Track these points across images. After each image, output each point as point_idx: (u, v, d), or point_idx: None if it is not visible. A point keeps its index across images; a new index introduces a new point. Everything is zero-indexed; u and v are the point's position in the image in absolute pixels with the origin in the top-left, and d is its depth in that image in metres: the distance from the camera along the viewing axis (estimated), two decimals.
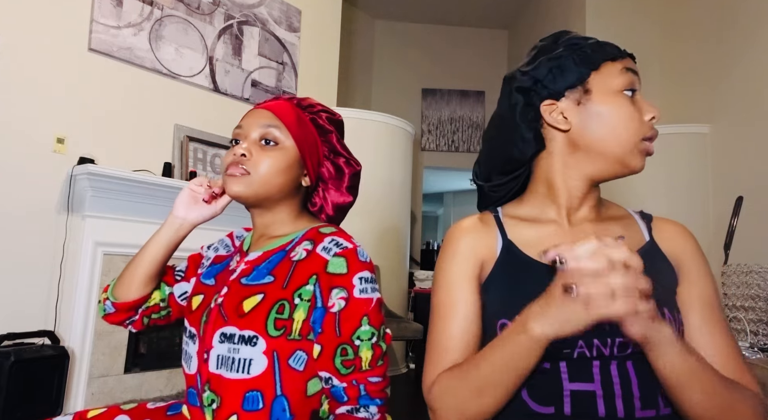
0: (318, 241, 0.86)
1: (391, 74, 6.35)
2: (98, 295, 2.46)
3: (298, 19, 3.75)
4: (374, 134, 4.28)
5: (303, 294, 0.81)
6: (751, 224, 3.14)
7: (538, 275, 0.73)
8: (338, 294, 0.80)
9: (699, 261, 0.75)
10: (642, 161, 0.74)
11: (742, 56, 3.55)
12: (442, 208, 10.65)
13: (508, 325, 0.67)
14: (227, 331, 0.81)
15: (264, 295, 0.82)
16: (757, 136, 3.36)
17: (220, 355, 0.81)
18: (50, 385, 2.14)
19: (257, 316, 0.80)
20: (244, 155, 0.88)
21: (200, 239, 1.06)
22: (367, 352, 0.80)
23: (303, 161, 0.92)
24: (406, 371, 4.27)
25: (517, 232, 0.79)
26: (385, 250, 4.22)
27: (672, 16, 4.28)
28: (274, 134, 0.90)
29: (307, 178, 0.94)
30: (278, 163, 0.89)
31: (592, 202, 0.79)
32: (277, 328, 0.79)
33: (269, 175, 0.88)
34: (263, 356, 0.79)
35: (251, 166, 0.88)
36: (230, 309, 0.83)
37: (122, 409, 0.93)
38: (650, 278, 0.70)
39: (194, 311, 0.90)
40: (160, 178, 2.66)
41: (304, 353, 0.81)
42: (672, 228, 0.78)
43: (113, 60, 2.66)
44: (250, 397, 0.79)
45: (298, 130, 0.91)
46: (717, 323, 0.71)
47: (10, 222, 2.25)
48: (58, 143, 2.41)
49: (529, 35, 5.83)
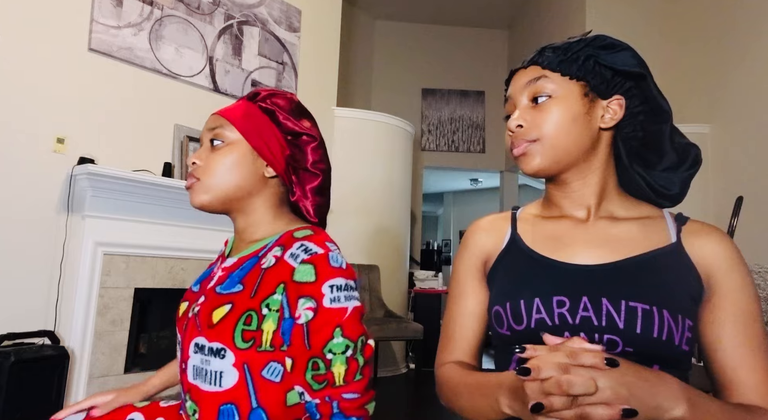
0: (288, 247, 0.80)
1: (391, 74, 6.35)
2: (98, 294, 2.46)
3: (298, 19, 3.75)
4: (374, 134, 4.28)
5: (271, 304, 0.77)
6: (751, 224, 3.14)
7: (536, 267, 0.76)
8: (305, 304, 0.75)
9: (734, 272, 0.71)
10: (521, 167, 0.78)
11: (742, 56, 3.55)
12: (442, 208, 10.65)
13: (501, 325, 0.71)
14: (199, 341, 0.79)
15: (232, 305, 0.79)
16: (757, 136, 3.36)
17: (195, 365, 0.79)
18: (50, 385, 2.14)
19: (225, 327, 0.77)
20: (195, 163, 0.87)
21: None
22: (341, 366, 0.74)
23: (258, 152, 0.88)
24: (406, 371, 4.27)
25: (528, 227, 0.82)
26: (385, 250, 4.22)
27: (672, 16, 4.28)
28: (220, 134, 0.87)
29: (270, 169, 0.89)
30: (225, 160, 0.86)
31: (611, 200, 0.79)
32: (245, 340, 0.76)
33: (219, 173, 0.85)
34: (233, 369, 0.76)
35: (201, 171, 0.86)
36: (203, 319, 0.80)
37: (136, 407, 0.92)
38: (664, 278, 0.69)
39: (180, 318, 0.89)
40: (160, 178, 2.66)
41: (278, 364, 0.77)
42: (708, 236, 0.73)
43: (113, 60, 2.66)
44: (225, 410, 0.76)
45: (243, 123, 0.88)
46: (752, 339, 0.68)
47: (10, 222, 2.25)
48: (58, 143, 2.41)
49: (529, 35, 5.83)
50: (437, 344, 0.87)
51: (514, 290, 0.74)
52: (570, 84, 0.75)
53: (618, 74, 0.76)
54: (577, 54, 0.76)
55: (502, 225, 0.85)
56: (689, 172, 0.78)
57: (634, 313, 0.66)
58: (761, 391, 0.66)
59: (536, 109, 0.76)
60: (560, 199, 0.81)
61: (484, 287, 0.83)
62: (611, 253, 0.73)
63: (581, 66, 0.75)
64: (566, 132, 0.74)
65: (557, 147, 0.74)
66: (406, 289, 4.62)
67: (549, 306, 0.70)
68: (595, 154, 0.77)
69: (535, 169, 0.76)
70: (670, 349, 0.66)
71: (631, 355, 0.66)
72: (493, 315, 0.76)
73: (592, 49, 0.76)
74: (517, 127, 0.76)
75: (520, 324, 0.72)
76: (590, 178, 0.78)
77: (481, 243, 0.84)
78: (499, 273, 0.80)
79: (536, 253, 0.77)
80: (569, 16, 4.70)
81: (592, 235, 0.76)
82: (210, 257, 2.88)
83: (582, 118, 0.75)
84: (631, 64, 0.75)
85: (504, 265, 0.80)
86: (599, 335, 0.67)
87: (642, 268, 0.71)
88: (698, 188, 3.74)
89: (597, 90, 0.75)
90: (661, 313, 0.66)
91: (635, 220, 0.77)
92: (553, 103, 0.75)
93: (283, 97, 0.92)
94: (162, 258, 2.73)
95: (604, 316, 0.67)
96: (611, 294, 0.69)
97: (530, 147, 0.75)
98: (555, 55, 0.77)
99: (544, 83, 0.76)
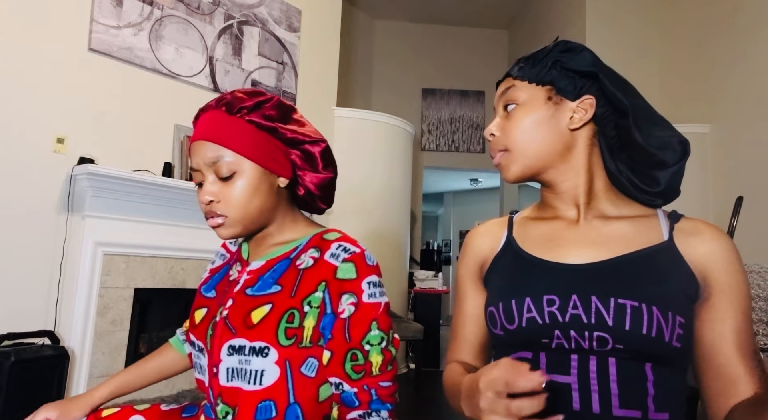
0: (325, 248, 0.84)
1: (391, 74, 6.35)
2: (98, 294, 2.46)
3: (298, 19, 3.75)
4: (374, 134, 4.28)
5: (312, 301, 0.81)
6: (751, 224, 3.14)
7: (529, 268, 0.77)
8: (348, 299, 0.80)
9: (732, 271, 0.71)
10: (501, 174, 0.83)
11: (742, 56, 3.55)
12: (442, 208, 10.65)
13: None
14: (236, 343, 0.80)
15: (272, 305, 0.81)
16: (757, 136, 3.37)
17: (231, 367, 0.80)
18: (50, 385, 2.14)
19: (267, 326, 0.79)
20: (212, 201, 0.84)
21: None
22: (377, 356, 0.79)
23: (270, 169, 0.86)
24: (406, 371, 4.27)
25: (523, 230, 0.84)
26: (385, 250, 4.22)
27: (672, 16, 4.28)
28: (225, 166, 0.83)
29: (282, 178, 0.89)
30: (246, 192, 0.84)
31: (600, 199, 0.79)
32: (288, 337, 0.79)
33: (242, 205, 0.84)
34: (275, 366, 0.78)
35: (223, 208, 0.84)
36: (237, 321, 0.82)
37: (136, 410, 0.93)
38: (654, 276, 0.70)
39: (198, 325, 0.89)
40: (160, 178, 2.66)
41: (315, 359, 0.81)
42: (702, 235, 0.73)
43: (113, 60, 2.66)
44: (263, 407, 0.78)
45: (243, 146, 0.84)
46: (750, 338, 0.70)
47: (10, 222, 2.25)
48: (58, 143, 2.41)
49: (529, 35, 5.83)
50: (437, 344, 0.90)
51: (507, 291, 0.76)
52: (536, 90, 0.78)
53: (580, 75, 0.78)
54: (543, 60, 0.79)
55: (498, 229, 0.88)
56: (677, 167, 0.76)
57: (623, 310, 0.67)
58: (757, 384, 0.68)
59: (507, 119, 0.81)
60: (552, 200, 0.82)
61: (482, 290, 0.85)
62: (602, 252, 0.74)
63: (547, 71, 0.78)
64: (532, 137, 0.78)
65: (525, 153, 0.78)
66: (406, 289, 4.62)
67: (539, 305, 0.71)
68: (574, 155, 0.78)
69: (511, 178, 0.81)
70: (660, 346, 0.66)
71: (621, 352, 0.67)
72: (488, 316, 0.78)
73: (556, 54, 0.79)
74: (491, 136, 0.82)
75: (512, 323, 0.73)
76: (574, 178, 0.79)
77: (478, 247, 0.87)
78: (494, 275, 0.82)
79: (529, 255, 0.79)
80: (569, 16, 4.70)
81: (584, 234, 0.77)
82: (210, 257, 2.88)
83: (547, 121, 0.77)
84: (587, 64, 0.77)
85: (499, 268, 0.82)
86: (589, 332, 0.68)
87: (632, 266, 0.72)
88: (698, 188, 3.74)
89: (564, 92, 0.78)
90: (650, 309, 0.66)
91: (627, 219, 0.77)
92: (518, 110, 0.79)
93: (271, 104, 0.87)
94: (162, 258, 2.73)
95: (594, 313, 0.68)
96: (600, 291, 0.69)
97: (503, 157, 0.80)
98: (525, 64, 0.80)
99: (513, 92, 0.80)
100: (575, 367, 0.68)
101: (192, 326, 0.91)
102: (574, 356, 0.69)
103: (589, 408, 0.66)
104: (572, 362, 0.68)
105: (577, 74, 0.77)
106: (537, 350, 0.71)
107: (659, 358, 0.67)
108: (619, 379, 0.66)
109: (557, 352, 0.70)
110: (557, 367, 0.69)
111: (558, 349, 0.69)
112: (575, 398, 0.67)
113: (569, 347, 0.69)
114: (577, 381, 0.67)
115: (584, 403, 0.67)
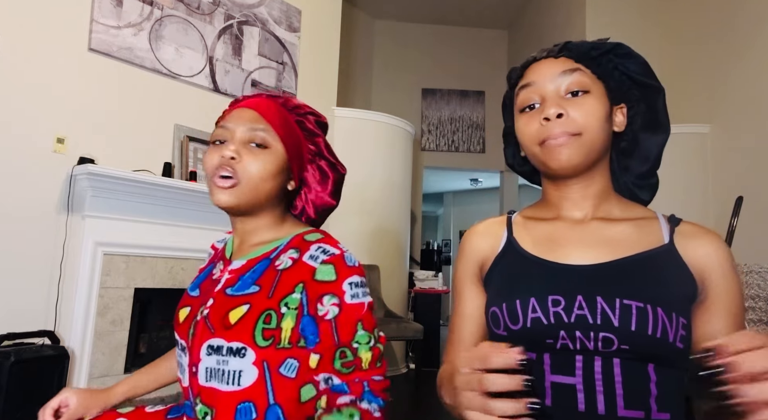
0: (304, 249, 0.84)
1: (391, 74, 6.35)
2: (98, 294, 2.46)
3: (298, 19, 3.75)
4: (374, 134, 4.28)
5: (290, 303, 0.80)
6: (751, 224, 3.14)
7: (532, 268, 0.77)
8: (330, 301, 0.79)
9: (728, 275, 0.72)
10: (552, 160, 0.75)
11: (742, 56, 3.55)
12: (442, 208, 10.65)
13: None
14: (214, 343, 0.80)
15: (250, 305, 0.81)
16: (757, 136, 3.37)
17: (209, 367, 0.80)
18: (50, 385, 2.14)
19: (244, 327, 0.79)
20: (233, 158, 0.83)
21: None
22: (367, 353, 0.79)
23: (289, 165, 0.89)
24: (406, 371, 4.27)
25: (523, 230, 0.83)
26: (385, 250, 4.22)
27: (672, 16, 4.28)
28: (263, 136, 0.84)
29: (293, 183, 0.91)
30: (269, 168, 0.85)
31: (609, 201, 0.80)
32: (266, 338, 0.79)
33: (259, 179, 0.84)
34: (253, 367, 0.78)
35: (241, 169, 0.83)
36: (216, 320, 0.81)
37: (120, 413, 0.92)
38: (657, 278, 0.70)
39: (182, 324, 0.89)
40: (160, 178, 2.66)
41: (295, 361, 0.80)
42: (701, 239, 0.74)
43: (113, 60, 2.66)
44: (242, 408, 0.78)
45: (285, 133, 0.87)
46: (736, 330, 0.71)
47: (10, 222, 2.25)
48: (58, 143, 2.41)
49: (529, 35, 5.83)
50: (437, 344, 0.89)
51: (510, 291, 0.75)
52: (598, 83, 0.76)
53: (635, 83, 0.78)
54: (602, 56, 0.77)
55: (497, 229, 0.86)
56: (655, 180, 0.84)
57: (628, 310, 0.67)
58: None
59: (574, 102, 0.74)
60: (559, 200, 0.81)
61: (481, 291, 0.84)
62: (606, 253, 0.74)
63: (608, 68, 0.77)
64: (601, 130, 0.74)
65: (595, 145, 0.74)
66: (406, 289, 4.62)
67: (544, 305, 0.71)
68: (604, 157, 0.79)
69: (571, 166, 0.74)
70: (664, 347, 0.66)
71: (626, 352, 0.66)
72: (490, 316, 0.77)
73: (613, 55, 0.78)
74: (558, 117, 0.73)
75: (516, 324, 0.72)
76: (593, 179, 0.79)
77: (477, 247, 0.86)
78: (496, 276, 0.81)
79: (532, 255, 0.78)
80: (569, 16, 4.70)
81: (587, 235, 0.77)
82: None
83: (608, 119, 0.76)
84: (648, 75, 0.78)
85: (500, 268, 0.81)
86: (594, 333, 0.67)
87: (636, 268, 0.72)
88: (698, 188, 3.74)
89: (611, 94, 0.77)
90: (655, 310, 0.67)
91: (630, 221, 0.78)
92: (593, 99, 0.74)
93: (323, 121, 0.95)
94: (162, 258, 2.74)
95: (599, 314, 0.68)
96: (606, 292, 0.69)
97: (574, 140, 0.73)
98: (585, 51, 0.77)
99: (582, 77, 0.75)
100: (580, 367, 0.68)
101: (176, 324, 0.91)
102: (578, 357, 0.68)
103: (594, 409, 0.66)
104: (577, 363, 0.68)
105: (632, 81, 0.78)
106: (541, 351, 0.71)
107: (662, 359, 0.67)
108: (624, 380, 0.66)
109: (562, 353, 0.69)
110: (562, 368, 0.69)
111: (562, 350, 0.69)
112: (580, 399, 0.67)
113: (574, 348, 0.68)
114: (582, 382, 0.67)
115: (589, 404, 0.66)
